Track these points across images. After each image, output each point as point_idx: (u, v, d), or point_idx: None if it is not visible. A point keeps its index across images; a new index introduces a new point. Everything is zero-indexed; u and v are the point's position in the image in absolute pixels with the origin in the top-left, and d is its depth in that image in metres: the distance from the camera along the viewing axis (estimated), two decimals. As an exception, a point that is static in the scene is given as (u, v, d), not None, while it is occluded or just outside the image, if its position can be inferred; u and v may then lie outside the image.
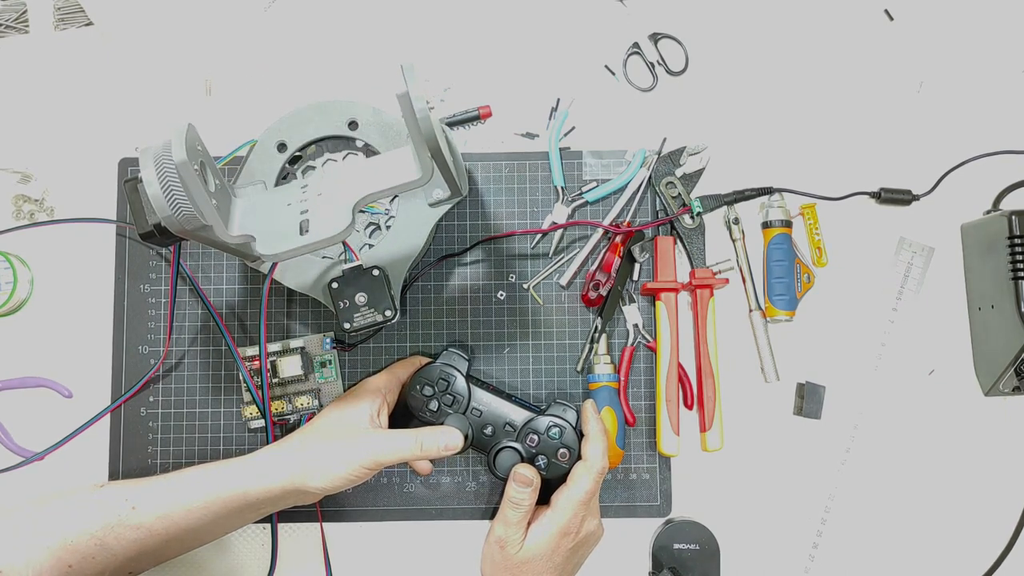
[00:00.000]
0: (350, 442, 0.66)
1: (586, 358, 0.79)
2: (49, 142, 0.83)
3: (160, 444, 0.79)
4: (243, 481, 0.66)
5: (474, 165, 0.82)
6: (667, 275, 0.79)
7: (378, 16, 0.84)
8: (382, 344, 0.80)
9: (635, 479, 0.79)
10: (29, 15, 0.84)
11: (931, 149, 0.82)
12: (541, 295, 0.81)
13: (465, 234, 0.81)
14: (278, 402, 0.78)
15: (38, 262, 0.81)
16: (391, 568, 0.79)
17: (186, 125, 0.58)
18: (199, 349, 0.80)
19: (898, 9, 0.84)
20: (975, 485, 0.79)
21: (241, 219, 0.66)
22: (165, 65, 0.84)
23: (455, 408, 0.72)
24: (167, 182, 0.56)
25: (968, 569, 0.78)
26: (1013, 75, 0.84)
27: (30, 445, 0.79)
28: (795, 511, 0.79)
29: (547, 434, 0.70)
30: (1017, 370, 0.76)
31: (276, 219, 0.65)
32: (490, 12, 0.84)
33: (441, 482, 0.79)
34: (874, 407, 0.80)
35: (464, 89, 0.83)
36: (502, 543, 0.67)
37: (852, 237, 0.82)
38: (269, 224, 0.65)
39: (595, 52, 0.84)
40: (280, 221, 0.65)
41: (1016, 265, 0.74)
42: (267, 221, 0.65)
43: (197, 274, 0.80)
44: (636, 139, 0.82)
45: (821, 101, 0.83)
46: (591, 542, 0.70)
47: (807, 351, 0.80)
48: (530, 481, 0.68)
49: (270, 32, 0.84)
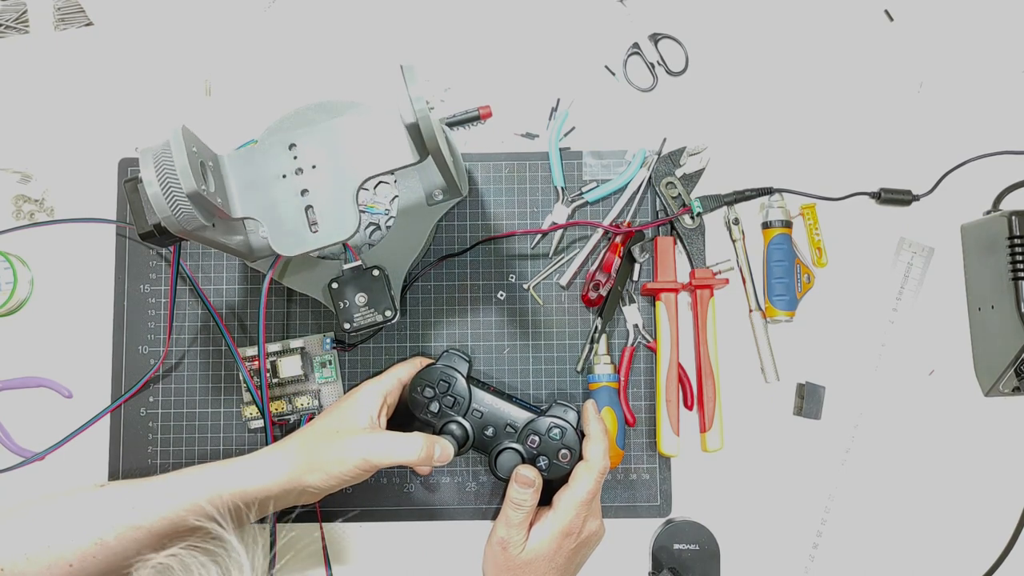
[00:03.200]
0: (347, 442, 0.66)
1: (586, 358, 0.79)
2: (49, 142, 0.82)
3: (160, 444, 0.79)
4: (243, 480, 0.66)
5: (474, 165, 0.82)
6: (667, 275, 0.79)
7: (378, 16, 0.84)
8: (382, 344, 0.80)
9: (635, 479, 0.79)
10: (29, 15, 0.84)
11: (931, 149, 0.82)
12: (541, 295, 0.81)
13: (465, 234, 0.81)
14: (278, 402, 0.78)
15: (38, 262, 0.81)
16: (391, 568, 0.79)
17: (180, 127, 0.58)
18: (199, 349, 0.80)
19: (898, 9, 0.84)
20: (975, 485, 0.79)
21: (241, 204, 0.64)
22: (165, 65, 0.83)
23: (456, 410, 0.72)
24: (167, 182, 0.56)
25: (968, 569, 0.79)
26: (1013, 75, 0.84)
27: (30, 445, 0.79)
28: (795, 511, 0.79)
29: (548, 435, 0.70)
30: (1017, 370, 0.76)
31: (276, 202, 0.64)
32: (490, 12, 0.84)
33: (441, 482, 0.79)
34: (874, 407, 0.80)
35: (464, 89, 0.83)
36: (504, 544, 0.67)
37: (852, 237, 0.82)
38: (272, 211, 0.64)
39: (595, 52, 0.84)
40: (281, 205, 0.64)
41: (1016, 265, 0.74)
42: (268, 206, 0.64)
43: (197, 274, 0.80)
44: (636, 139, 0.82)
45: (821, 101, 0.83)
46: (593, 542, 0.70)
47: (807, 351, 0.80)
48: (531, 482, 0.68)
49: (270, 32, 0.84)
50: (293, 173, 0.64)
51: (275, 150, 0.64)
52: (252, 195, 0.64)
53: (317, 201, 0.64)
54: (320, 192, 0.64)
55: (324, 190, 0.64)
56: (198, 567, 0.49)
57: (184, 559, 0.50)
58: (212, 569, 0.49)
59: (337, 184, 0.63)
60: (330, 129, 0.64)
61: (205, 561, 0.50)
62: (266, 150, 0.64)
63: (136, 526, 0.64)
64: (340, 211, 0.63)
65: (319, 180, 0.64)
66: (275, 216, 0.64)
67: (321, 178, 0.64)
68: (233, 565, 0.50)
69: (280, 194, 0.64)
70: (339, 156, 0.64)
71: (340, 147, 0.64)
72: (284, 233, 0.63)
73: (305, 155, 0.64)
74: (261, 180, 0.64)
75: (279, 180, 0.64)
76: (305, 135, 0.64)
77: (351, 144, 0.64)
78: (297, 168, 0.64)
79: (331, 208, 0.63)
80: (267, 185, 0.64)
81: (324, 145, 0.64)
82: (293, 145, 0.64)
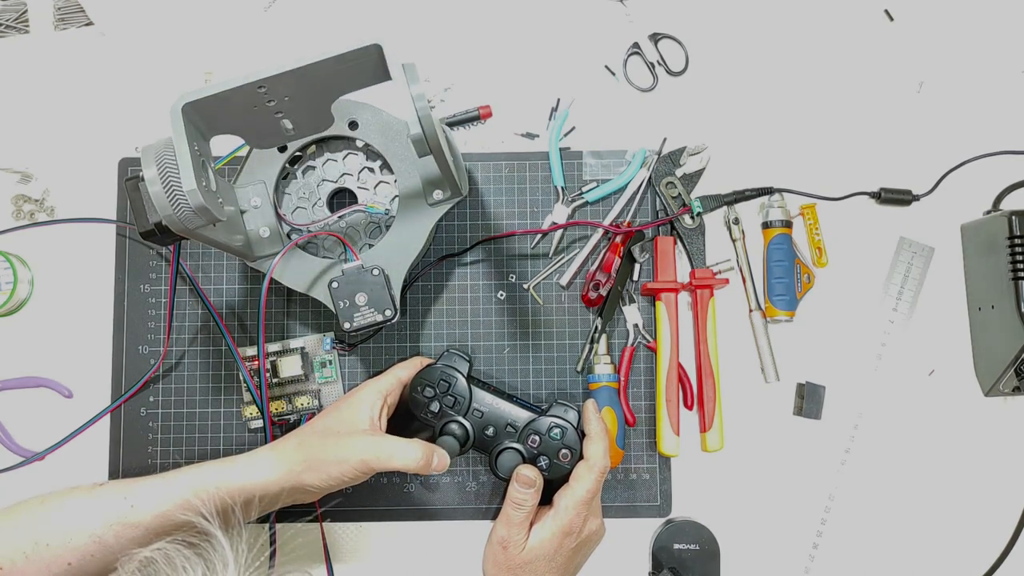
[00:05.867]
0: (347, 443, 0.66)
1: (586, 358, 0.79)
2: (49, 142, 0.83)
3: (160, 444, 0.79)
4: (241, 478, 0.66)
5: (474, 165, 0.82)
6: (667, 275, 0.79)
7: (378, 16, 0.84)
8: (382, 344, 0.80)
9: (635, 479, 0.79)
10: (29, 15, 0.84)
11: (931, 149, 0.82)
12: (541, 295, 0.81)
13: (465, 234, 0.81)
14: (278, 402, 0.78)
15: (38, 262, 0.81)
16: (391, 568, 0.79)
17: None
18: (199, 349, 0.80)
19: (898, 9, 0.84)
20: (975, 485, 0.79)
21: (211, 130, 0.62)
22: (165, 65, 0.84)
23: (456, 409, 0.72)
24: (168, 180, 0.56)
25: (968, 569, 0.78)
26: (1013, 75, 0.84)
27: (30, 445, 0.79)
28: (795, 511, 0.79)
29: (548, 434, 0.70)
30: (1017, 370, 0.76)
31: (251, 122, 0.62)
32: (490, 12, 0.84)
33: (441, 482, 0.79)
34: (874, 407, 0.80)
35: (464, 89, 0.83)
36: (504, 544, 0.67)
37: (852, 237, 0.82)
38: (246, 126, 0.63)
39: (595, 52, 0.84)
40: (256, 123, 0.62)
41: (1016, 265, 0.74)
42: (241, 125, 0.63)
43: (197, 274, 0.80)
44: (636, 139, 0.82)
45: (821, 101, 0.83)
46: (593, 542, 0.70)
47: (807, 351, 0.80)
48: (532, 482, 0.68)
49: (270, 32, 0.84)
50: (265, 103, 0.61)
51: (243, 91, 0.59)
52: (224, 121, 0.61)
53: (293, 115, 0.63)
54: (296, 111, 0.62)
55: (300, 109, 0.62)
56: (182, 560, 0.49)
57: (168, 553, 0.50)
58: (196, 563, 0.49)
59: (313, 103, 0.62)
60: (300, 69, 0.59)
61: (189, 555, 0.50)
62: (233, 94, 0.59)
63: (134, 524, 0.64)
64: (316, 115, 0.62)
65: (294, 106, 0.62)
66: (250, 128, 0.63)
67: (296, 104, 0.62)
68: (217, 559, 0.50)
69: (255, 117, 0.62)
70: (312, 87, 0.61)
71: (311, 82, 0.60)
72: (259, 136, 0.63)
73: (275, 91, 0.60)
74: (229, 112, 0.60)
75: (251, 110, 0.61)
76: (274, 77, 0.59)
77: (322, 80, 0.60)
78: (269, 99, 0.60)
79: (308, 116, 0.63)
80: (236, 114, 0.61)
81: (294, 84, 0.60)
82: (262, 87, 0.60)
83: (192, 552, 0.50)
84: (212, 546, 0.51)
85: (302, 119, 0.64)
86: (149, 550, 0.51)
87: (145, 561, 0.51)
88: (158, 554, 0.50)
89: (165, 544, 0.51)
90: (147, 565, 0.51)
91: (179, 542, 0.51)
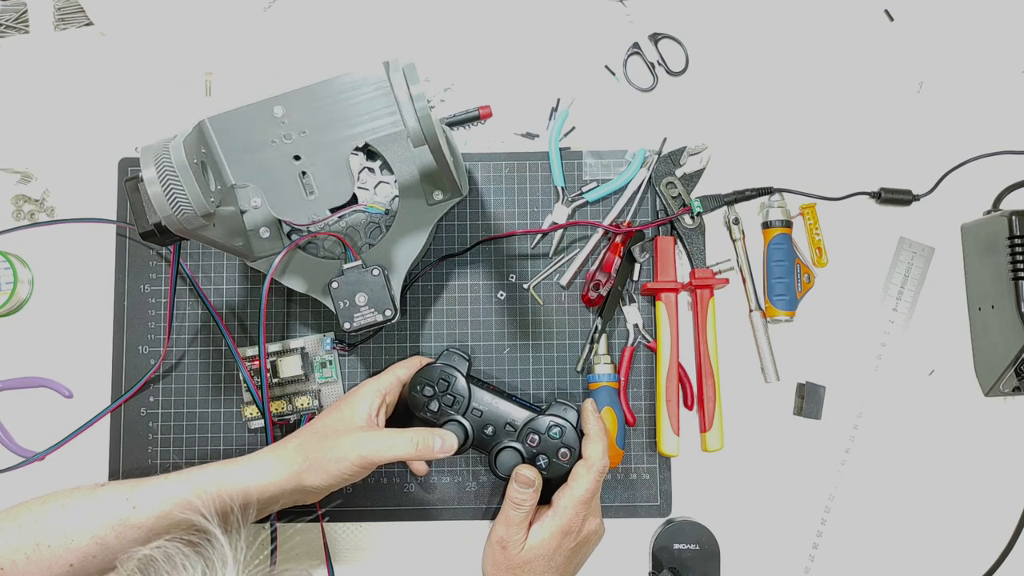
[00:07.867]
0: (344, 440, 0.66)
1: (586, 358, 0.79)
2: (49, 142, 0.83)
3: (160, 444, 0.79)
4: (243, 479, 0.66)
5: (474, 165, 0.82)
6: (667, 275, 0.79)
7: (378, 16, 0.84)
8: (382, 344, 0.80)
9: (635, 479, 0.79)
10: (29, 15, 0.84)
11: (931, 149, 0.82)
12: (541, 295, 0.81)
13: (465, 234, 0.81)
14: (278, 402, 0.78)
15: (38, 262, 0.81)
16: (391, 568, 0.79)
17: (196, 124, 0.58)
18: (199, 349, 0.80)
19: (898, 9, 0.84)
20: (975, 485, 0.79)
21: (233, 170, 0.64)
22: (165, 65, 0.84)
23: (456, 408, 0.72)
24: (168, 181, 0.56)
25: (968, 569, 0.79)
26: (1013, 75, 0.84)
27: (30, 445, 0.79)
28: (795, 511, 0.79)
29: (548, 434, 0.70)
30: (1017, 370, 0.76)
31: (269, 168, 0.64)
32: (490, 12, 0.84)
33: (441, 482, 0.79)
34: (874, 407, 0.80)
35: (464, 89, 0.83)
36: (504, 543, 0.67)
37: (852, 237, 0.82)
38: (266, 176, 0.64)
39: (595, 52, 0.84)
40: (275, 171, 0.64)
41: (1016, 265, 0.74)
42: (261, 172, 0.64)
43: (197, 274, 0.80)
44: (636, 139, 0.82)
45: (821, 101, 0.83)
46: (593, 541, 0.70)
47: (807, 351, 0.80)
48: (531, 482, 0.68)
49: (270, 32, 0.84)
50: (283, 139, 0.63)
51: (259, 115, 0.62)
52: (243, 160, 0.64)
53: (311, 167, 0.64)
54: (313, 157, 0.64)
55: (317, 155, 0.64)
56: (182, 558, 0.49)
57: (168, 551, 0.50)
58: (196, 561, 0.49)
59: (329, 149, 0.63)
60: (312, 92, 0.62)
61: (189, 553, 0.50)
62: (250, 115, 0.63)
63: (136, 525, 0.64)
64: (335, 176, 0.64)
65: (310, 145, 0.64)
66: (270, 182, 0.64)
67: (312, 143, 0.63)
68: (217, 557, 0.50)
69: (272, 159, 0.64)
70: (327, 121, 0.63)
71: (326, 112, 0.63)
72: (282, 199, 0.64)
73: (292, 120, 0.63)
74: (250, 145, 0.63)
75: (269, 145, 0.63)
76: (288, 98, 0.62)
77: (337, 108, 0.62)
78: (286, 134, 0.63)
79: (326, 173, 0.64)
80: (257, 150, 0.63)
81: (309, 109, 0.62)
82: (278, 109, 0.63)
83: (192, 550, 0.50)
84: (212, 544, 0.51)
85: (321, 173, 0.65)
86: (149, 548, 0.51)
87: (145, 559, 0.51)
88: (158, 552, 0.50)
89: (165, 542, 0.51)
90: (147, 563, 0.51)
91: (179, 540, 0.51)
